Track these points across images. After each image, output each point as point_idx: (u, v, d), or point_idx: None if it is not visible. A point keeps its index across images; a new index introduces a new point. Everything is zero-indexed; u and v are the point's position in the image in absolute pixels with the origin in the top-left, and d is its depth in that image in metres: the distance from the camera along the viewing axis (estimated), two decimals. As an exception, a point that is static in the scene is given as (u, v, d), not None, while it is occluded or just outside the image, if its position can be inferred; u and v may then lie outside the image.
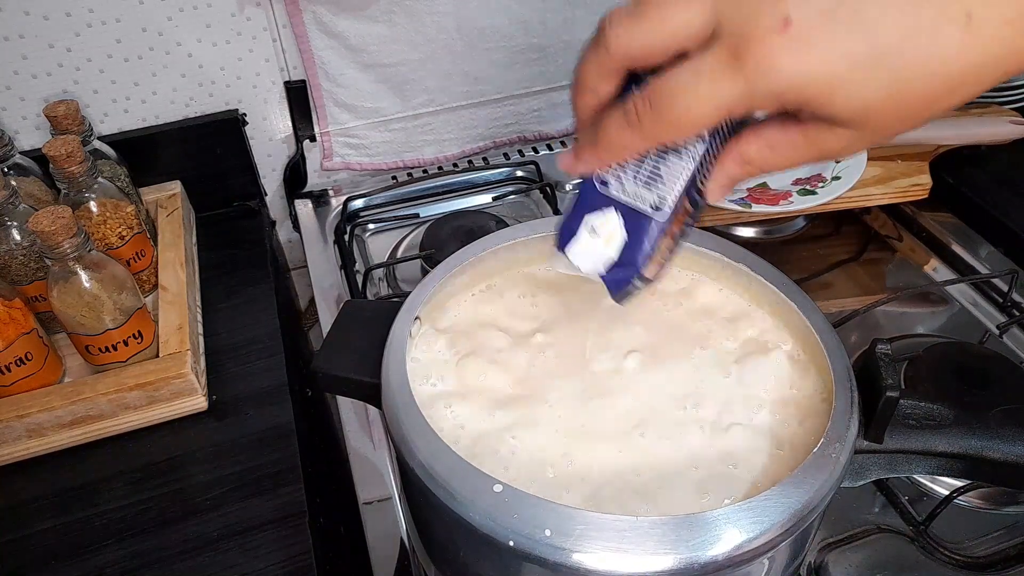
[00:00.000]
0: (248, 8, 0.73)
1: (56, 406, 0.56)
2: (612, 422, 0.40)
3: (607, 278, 0.35)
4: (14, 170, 0.63)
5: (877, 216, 0.80)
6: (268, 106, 0.80)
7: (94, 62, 0.71)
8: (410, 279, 0.75)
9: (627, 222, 0.33)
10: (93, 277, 0.56)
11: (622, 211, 0.33)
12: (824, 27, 0.26)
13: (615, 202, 0.33)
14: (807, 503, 0.33)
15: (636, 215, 0.33)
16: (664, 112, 0.28)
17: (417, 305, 0.43)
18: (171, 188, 0.77)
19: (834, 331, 0.41)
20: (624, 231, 0.33)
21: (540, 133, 0.93)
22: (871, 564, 0.51)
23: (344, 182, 0.88)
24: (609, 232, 0.34)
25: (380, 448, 0.59)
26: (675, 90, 0.28)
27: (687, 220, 0.34)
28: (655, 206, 0.32)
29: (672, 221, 0.33)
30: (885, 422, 0.37)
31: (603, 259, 0.34)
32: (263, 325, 0.69)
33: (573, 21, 0.84)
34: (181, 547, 0.52)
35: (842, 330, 0.65)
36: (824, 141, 0.29)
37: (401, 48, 0.79)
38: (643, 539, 0.31)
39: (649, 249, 0.33)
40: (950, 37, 0.25)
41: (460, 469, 0.34)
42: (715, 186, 0.32)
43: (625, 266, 0.34)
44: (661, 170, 0.32)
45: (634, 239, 0.33)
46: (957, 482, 0.53)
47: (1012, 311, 0.69)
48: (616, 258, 0.34)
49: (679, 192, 0.32)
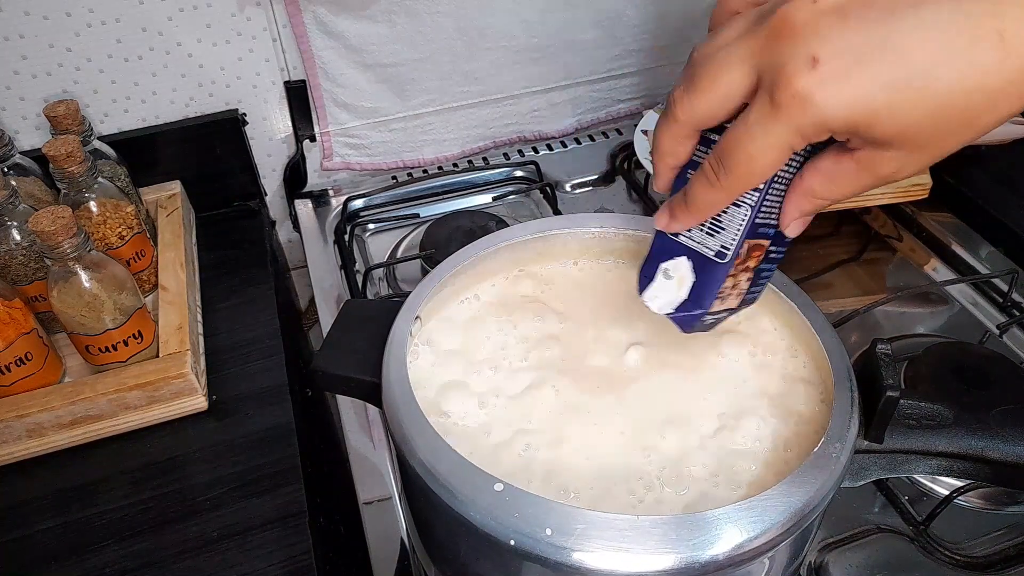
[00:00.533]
0: (248, 8, 0.73)
1: (56, 406, 0.56)
2: (613, 420, 0.40)
3: (676, 316, 0.38)
4: (14, 170, 0.63)
5: (877, 216, 0.80)
6: (268, 106, 0.80)
7: (94, 62, 0.71)
8: (410, 279, 0.75)
9: (695, 266, 0.37)
10: (93, 277, 0.56)
11: (692, 256, 0.37)
12: (854, 59, 0.27)
13: (685, 248, 0.37)
14: (807, 503, 0.33)
15: (703, 259, 0.36)
16: (733, 166, 0.31)
17: (417, 305, 0.43)
18: (171, 188, 0.77)
19: (834, 331, 0.41)
20: (693, 274, 0.37)
21: (540, 133, 0.93)
22: (871, 564, 0.51)
23: (344, 182, 0.88)
24: (680, 276, 0.37)
25: (380, 448, 0.59)
26: (735, 145, 0.31)
27: (768, 253, 0.37)
28: (719, 253, 0.35)
29: (737, 262, 0.35)
30: (885, 422, 0.37)
31: (675, 300, 0.37)
32: (263, 325, 0.69)
33: (573, 21, 0.84)
34: (181, 547, 0.52)
35: (842, 330, 0.65)
36: (877, 166, 0.30)
37: (401, 48, 0.79)
38: (644, 538, 0.31)
39: (714, 291, 0.36)
40: (985, 54, 0.26)
41: (461, 468, 0.34)
42: (789, 220, 0.35)
43: (694, 305, 0.37)
44: (723, 220, 0.35)
45: (701, 281, 0.36)
46: (957, 482, 0.54)
47: (1012, 311, 0.69)
48: (686, 298, 0.37)
49: (739, 239, 0.35)
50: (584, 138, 0.94)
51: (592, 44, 0.87)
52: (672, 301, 0.38)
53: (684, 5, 0.87)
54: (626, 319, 0.45)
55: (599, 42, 0.87)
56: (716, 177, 0.32)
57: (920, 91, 0.27)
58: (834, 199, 0.33)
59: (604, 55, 0.89)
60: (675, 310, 0.38)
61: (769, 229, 0.35)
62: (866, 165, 0.30)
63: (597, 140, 0.94)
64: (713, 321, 0.38)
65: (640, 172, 0.87)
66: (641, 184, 0.86)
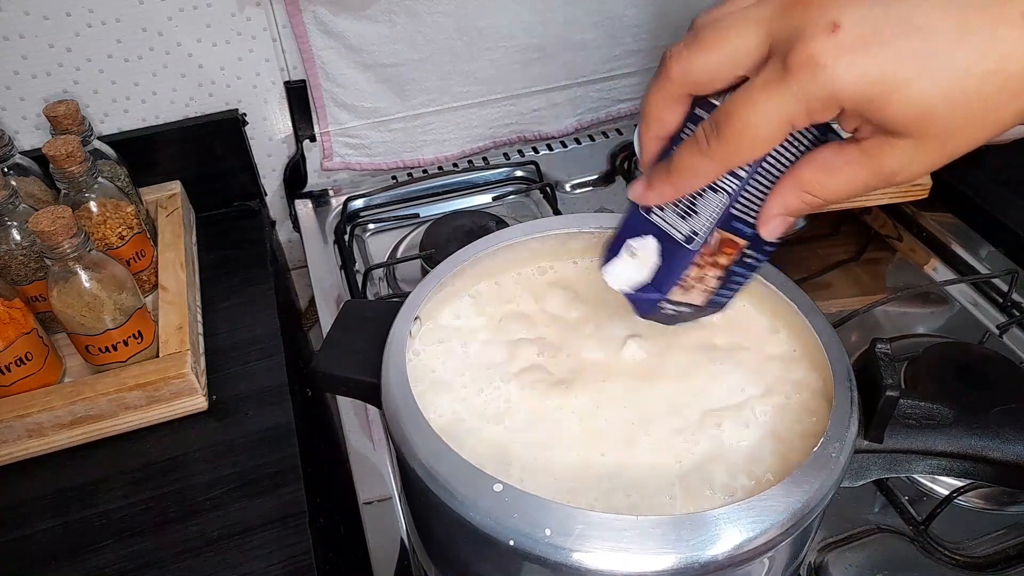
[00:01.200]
0: (248, 8, 0.73)
1: (56, 406, 0.56)
2: (613, 420, 0.40)
3: (634, 297, 0.36)
4: (14, 170, 0.63)
5: (877, 216, 0.80)
6: (268, 106, 0.80)
7: (94, 62, 0.71)
8: (410, 279, 0.75)
9: (663, 248, 0.35)
10: (93, 277, 0.56)
11: (660, 237, 0.35)
12: (875, 30, 0.26)
13: (655, 228, 0.35)
14: (807, 503, 0.33)
15: (672, 242, 0.34)
16: (728, 133, 0.29)
17: (417, 305, 0.43)
18: (171, 188, 0.77)
19: (834, 331, 0.41)
20: (659, 257, 0.35)
21: (540, 133, 0.93)
22: (871, 564, 0.51)
23: (344, 182, 0.88)
24: (645, 256, 0.35)
25: (380, 448, 0.59)
26: (736, 110, 0.29)
27: (741, 254, 0.35)
28: (687, 237, 0.34)
29: (705, 253, 0.34)
30: (885, 422, 0.37)
31: (635, 280, 0.36)
32: (263, 325, 0.69)
33: (573, 21, 0.84)
34: (181, 547, 0.52)
35: (842, 330, 0.65)
36: (884, 156, 0.28)
37: (401, 48, 0.79)
38: (643, 538, 0.31)
39: (676, 276, 0.34)
40: (1006, 37, 0.25)
41: (460, 469, 0.34)
42: (769, 217, 0.32)
43: (653, 288, 0.35)
44: (697, 203, 0.33)
45: (665, 265, 0.35)
46: (957, 482, 0.54)
47: (1012, 311, 0.69)
48: (648, 281, 0.36)
49: (710, 226, 0.33)
50: (584, 138, 0.94)
51: (592, 44, 0.87)
52: (632, 280, 0.36)
53: (684, 5, 0.87)
54: (625, 317, 0.45)
55: (599, 42, 0.87)
56: (707, 142, 0.30)
57: (937, 70, 0.26)
58: (826, 196, 0.31)
59: (604, 55, 0.89)
60: (633, 290, 0.36)
61: (746, 227, 0.34)
62: (872, 155, 0.28)
63: (597, 140, 0.94)
64: (674, 313, 0.37)
65: (639, 173, 0.87)
66: (641, 184, 0.85)
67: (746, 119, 0.28)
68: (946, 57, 0.26)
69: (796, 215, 0.32)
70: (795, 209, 0.32)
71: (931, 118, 0.27)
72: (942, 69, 0.26)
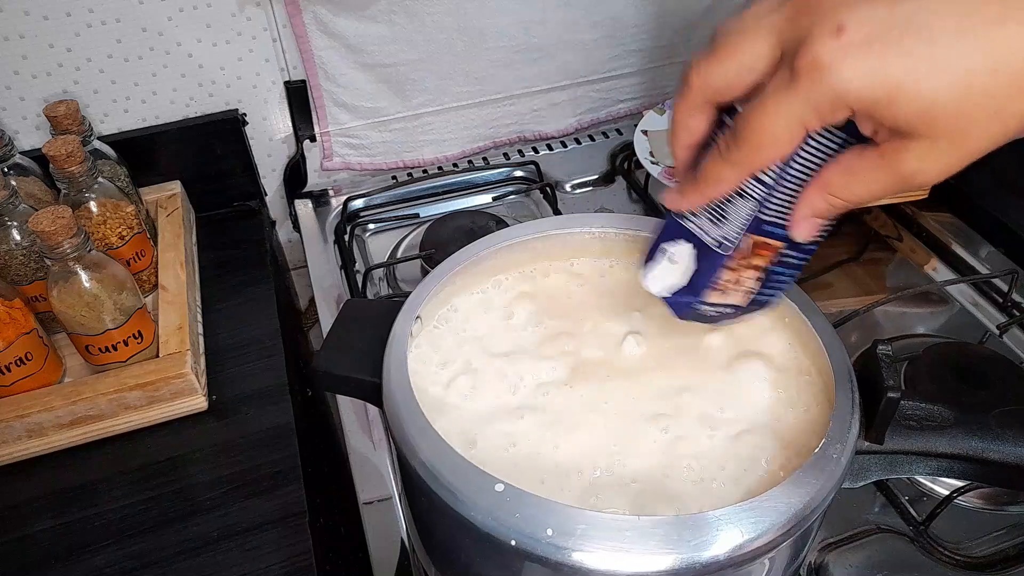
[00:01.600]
0: (248, 8, 0.73)
1: (56, 406, 0.56)
2: (612, 420, 0.40)
3: (671, 300, 0.38)
4: (14, 170, 0.63)
5: (877, 216, 0.80)
6: (268, 106, 0.80)
7: (94, 62, 0.71)
8: (410, 279, 0.75)
9: (698, 253, 0.36)
10: (93, 277, 0.56)
11: (694, 242, 0.36)
12: (879, 31, 0.26)
13: (690, 233, 0.37)
14: (808, 504, 0.33)
15: (704, 247, 0.36)
16: (745, 139, 0.30)
17: (418, 305, 0.43)
18: (171, 188, 0.77)
19: (834, 331, 0.41)
20: (694, 262, 0.37)
21: (540, 133, 0.93)
22: (871, 564, 0.51)
23: (344, 182, 0.88)
24: (682, 260, 0.37)
25: (380, 448, 0.59)
26: (750, 116, 0.30)
27: (780, 255, 0.36)
28: (719, 242, 0.35)
29: (738, 257, 0.35)
30: (886, 423, 0.37)
31: (672, 283, 0.37)
32: (263, 325, 0.69)
33: (573, 21, 0.84)
34: (181, 547, 0.52)
35: (842, 330, 0.65)
36: (901, 158, 0.29)
37: (401, 48, 0.79)
38: (644, 539, 0.31)
39: (709, 280, 0.36)
40: (1009, 35, 0.26)
41: (461, 469, 0.34)
42: (798, 218, 0.33)
43: (689, 292, 0.37)
44: (727, 209, 0.34)
45: (700, 269, 0.36)
46: (957, 482, 0.54)
47: (1012, 311, 0.69)
48: (684, 284, 0.37)
49: (740, 231, 0.34)
50: (584, 138, 0.94)
51: (592, 44, 0.87)
52: (670, 285, 0.37)
53: (684, 5, 0.87)
54: (624, 314, 0.45)
55: (599, 42, 0.87)
56: (727, 149, 0.31)
57: (942, 69, 0.26)
58: (850, 199, 0.31)
59: (604, 55, 0.89)
60: (670, 293, 0.38)
61: (780, 229, 0.35)
62: (890, 158, 0.29)
63: (597, 140, 0.94)
64: (715, 315, 0.38)
65: (640, 172, 0.87)
66: (641, 184, 0.86)
67: (760, 124, 0.29)
68: (950, 55, 0.26)
69: (824, 217, 0.33)
70: (822, 211, 0.33)
71: (939, 116, 0.27)
72: (947, 67, 0.26)
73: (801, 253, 0.37)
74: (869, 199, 0.31)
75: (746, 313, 0.39)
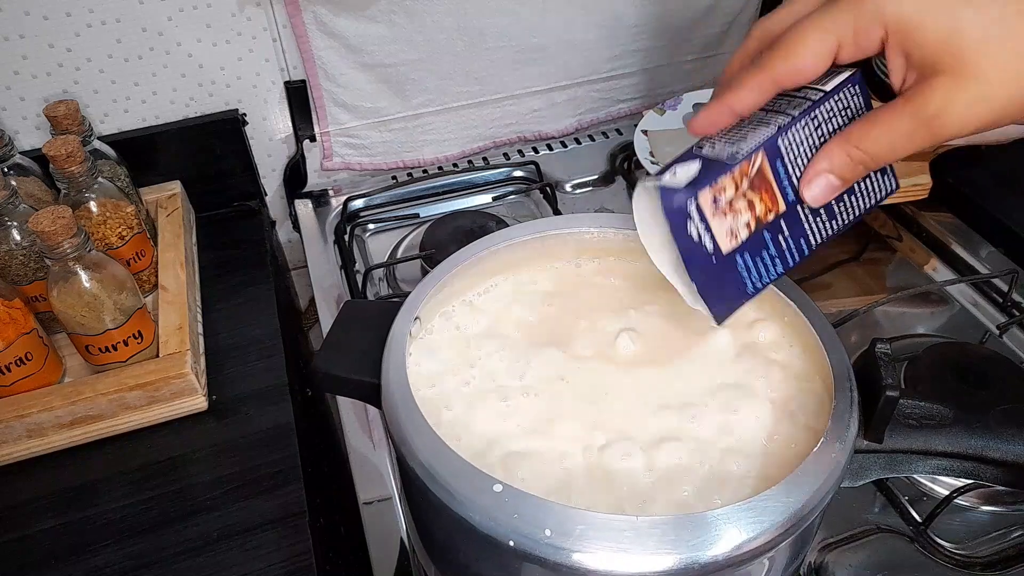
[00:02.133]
0: (248, 8, 0.73)
1: (56, 406, 0.56)
2: (611, 420, 0.40)
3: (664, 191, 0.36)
4: (14, 170, 0.63)
5: (877, 216, 0.80)
6: (268, 106, 0.80)
7: (94, 62, 0.71)
8: (410, 279, 0.75)
9: (703, 167, 0.36)
10: (93, 277, 0.56)
11: (703, 163, 0.36)
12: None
13: (702, 157, 0.37)
14: (807, 503, 0.33)
15: (712, 163, 0.36)
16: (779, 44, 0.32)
17: (417, 305, 0.43)
18: (171, 188, 0.77)
19: (834, 331, 0.41)
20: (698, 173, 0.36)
21: (540, 133, 0.93)
22: (871, 564, 0.51)
23: (344, 182, 0.88)
24: (686, 173, 0.36)
25: (380, 448, 0.59)
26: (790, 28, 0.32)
27: (777, 218, 0.36)
28: (730, 155, 0.35)
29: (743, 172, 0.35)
30: (885, 422, 0.37)
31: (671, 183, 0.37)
32: (263, 325, 0.69)
33: (573, 21, 0.84)
34: (181, 547, 0.52)
35: (842, 330, 0.65)
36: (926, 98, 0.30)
37: (401, 48, 0.79)
38: (643, 539, 0.31)
39: (709, 180, 0.35)
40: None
41: (460, 469, 0.34)
42: (813, 172, 0.34)
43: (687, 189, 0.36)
44: (746, 132, 0.35)
45: (704, 174, 0.36)
46: (957, 482, 0.54)
47: (1012, 311, 0.69)
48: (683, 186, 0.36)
49: (754, 147, 0.34)
50: (584, 138, 0.94)
51: (592, 44, 0.87)
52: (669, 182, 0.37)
53: (684, 5, 0.87)
54: (620, 313, 0.45)
55: (599, 42, 0.87)
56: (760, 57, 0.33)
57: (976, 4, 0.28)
58: (869, 149, 0.32)
59: (604, 55, 0.89)
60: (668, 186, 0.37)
61: (789, 186, 0.35)
62: (912, 101, 0.30)
63: (597, 140, 0.94)
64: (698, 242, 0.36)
65: (640, 172, 0.87)
66: (641, 184, 0.85)
67: (797, 33, 0.31)
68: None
69: (840, 175, 0.33)
70: (839, 165, 0.33)
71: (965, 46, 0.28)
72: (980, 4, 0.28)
73: (793, 245, 0.37)
74: (889, 148, 0.31)
75: (728, 301, 0.39)
